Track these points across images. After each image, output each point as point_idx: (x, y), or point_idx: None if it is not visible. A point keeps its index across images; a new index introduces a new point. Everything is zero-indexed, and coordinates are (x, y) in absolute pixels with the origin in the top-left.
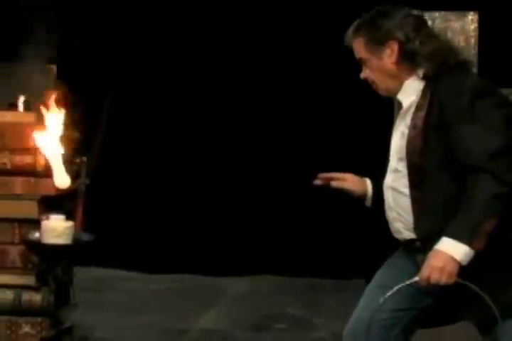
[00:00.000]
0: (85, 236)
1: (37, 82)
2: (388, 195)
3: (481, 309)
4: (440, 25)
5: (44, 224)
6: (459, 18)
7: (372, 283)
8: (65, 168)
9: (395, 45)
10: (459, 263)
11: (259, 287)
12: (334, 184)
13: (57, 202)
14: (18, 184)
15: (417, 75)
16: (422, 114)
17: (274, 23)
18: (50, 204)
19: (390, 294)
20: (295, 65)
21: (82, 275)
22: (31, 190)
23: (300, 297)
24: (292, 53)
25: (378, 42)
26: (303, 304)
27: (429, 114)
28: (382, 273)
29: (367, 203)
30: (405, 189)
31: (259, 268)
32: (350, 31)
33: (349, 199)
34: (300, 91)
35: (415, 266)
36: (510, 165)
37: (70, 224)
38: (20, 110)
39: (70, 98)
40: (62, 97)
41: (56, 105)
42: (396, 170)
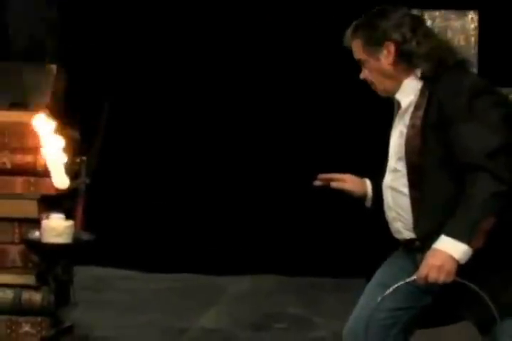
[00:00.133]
0: (85, 236)
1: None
2: (387, 195)
3: (481, 308)
4: (440, 24)
5: (44, 223)
6: (459, 17)
7: (372, 282)
8: (64, 168)
9: (391, 46)
10: (457, 261)
11: (260, 286)
12: (334, 185)
13: (57, 201)
14: (18, 183)
15: (415, 75)
16: (420, 113)
17: (273, 23)
18: (50, 204)
19: (388, 293)
20: (295, 66)
21: (82, 275)
22: (31, 190)
23: (300, 296)
24: (292, 53)
25: (375, 44)
26: (303, 303)
27: (428, 113)
28: (382, 272)
29: (367, 204)
30: (404, 188)
31: (260, 268)
32: (348, 32)
33: (349, 199)
34: (300, 91)
35: (415, 265)
36: (509, 163)
37: (70, 223)
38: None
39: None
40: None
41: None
42: (395, 170)
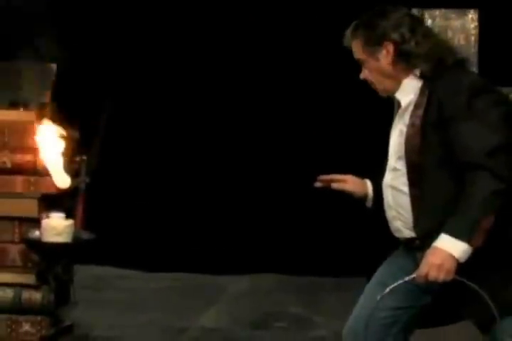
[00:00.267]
0: (85, 235)
1: (37, 81)
2: (387, 194)
3: (480, 307)
4: (440, 23)
5: (44, 222)
6: (460, 16)
7: (372, 281)
8: (64, 167)
9: (390, 46)
10: (457, 260)
11: (260, 285)
12: (335, 186)
13: (58, 200)
14: (18, 182)
15: (415, 74)
16: (420, 112)
17: (273, 23)
18: (50, 203)
19: (387, 291)
20: (295, 65)
21: (82, 274)
22: (31, 189)
23: (300, 295)
24: (292, 53)
25: (375, 44)
26: (303, 302)
27: (428, 112)
28: (382, 271)
29: (368, 204)
30: (404, 187)
31: (260, 267)
32: (348, 32)
33: (349, 199)
34: (300, 91)
35: (415, 264)
36: (509, 162)
37: (70, 222)
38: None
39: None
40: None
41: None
42: (395, 169)
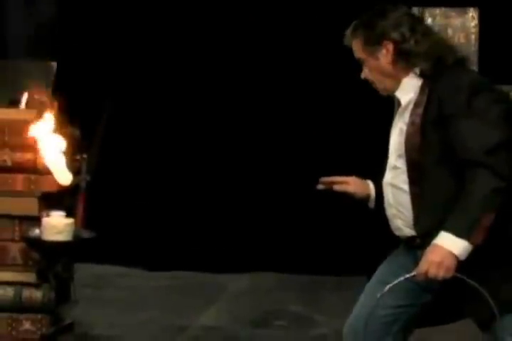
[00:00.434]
0: (86, 233)
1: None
2: (388, 192)
3: (480, 305)
4: (440, 21)
5: (44, 221)
6: (460, 14)
7: (373, 279)
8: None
9: (390, 45)
10: (457, 257)
11: (260, 284)
12: (337, 188)
13: (58, 199)
14: (19, 181)
15: (415, 73)
16: (420, 110)
17: (274, 23)
18: (50, 201)
19: (387, 289)
20: (295, 65)
21: (83, 272)
22: (32, 187)
23: (301, 294)
24: (293, 53)
25: (374, 43)
26: (304, 301)
27: (428, 110)
28: (382, 270)
29: (370, 204)
30: (405, 185)
31: (260, 265)
32: (348, 32)
33: (350, 199)
34: (300, 90)
35: (416, 262)
36: (509, 159)
37: (70, 221)
38: (21, 107)
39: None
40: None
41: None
42: (395, 167)
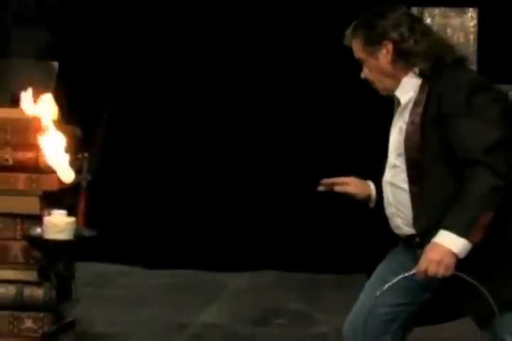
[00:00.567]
0: (87, 232)
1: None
2: (387, 191)
3: (480, 303)
4: (440, 21)
5: (46, 219)
6: (459, 14)
7: (373, 278)
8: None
9: (389, 45)
10: (456, 255)
11: (260, 282)
12: (337, 189)
13: (59, 197)
14: (21, 180)
15: (414, 72)
16: (419, 109)
17: (274, 24)
18: (52, 200)
19: (386, 287)
20: (295, 66)
21: (84, 271)
22: (33, 186)
23: (301, 292)
24: (292, 54)
25: (374, 43)
26: (304, 299)
27: (427, 109)
28: (382, 268)
29: (371, 204)
30: (404, 184)
31: (260, 263)
32: (348, 32)
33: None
34: (300, 90)
35: (415, 261)
36: (507, 158)
37: (71, 219)
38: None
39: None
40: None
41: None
42: (395, 166)
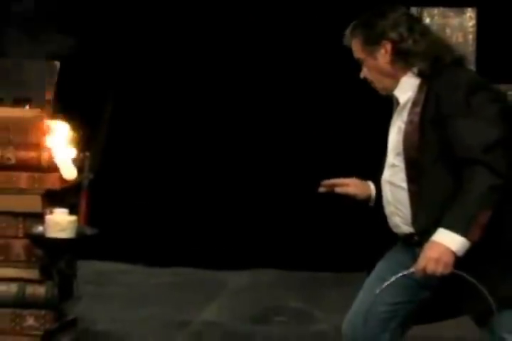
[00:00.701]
0: (89, 230)
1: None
2: (386, 190)
3: (478, 301)
4: (439, 21)
5: (48, 218)
6: (458, 14)
7: (372, 276)
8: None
9: (388, 45)
10: (454, 253)
11: (260, 280)
12: (338, 190)
13: (61, 196)
14: (23, 178)
15: (413, 72)
16: (418, 109)
17: (274, 24)
18: (54, 199)
19: (385, 285)
20: (295, 66)
21: (85, 269)
22: (35, 185)
23: (301, 290)
24: (292, 53)
25: (373, 43)
26: (304, 297)
27: (426, 109)
28: (381, 267)
29: (372, 204)
30: (403, 183)
31: (260, 262)
32: (347, 32)
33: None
34: (300, 90)
35: (414, 259)
36: (506, 157)
37: (73, 218)
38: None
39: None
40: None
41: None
42: (393, 165)
